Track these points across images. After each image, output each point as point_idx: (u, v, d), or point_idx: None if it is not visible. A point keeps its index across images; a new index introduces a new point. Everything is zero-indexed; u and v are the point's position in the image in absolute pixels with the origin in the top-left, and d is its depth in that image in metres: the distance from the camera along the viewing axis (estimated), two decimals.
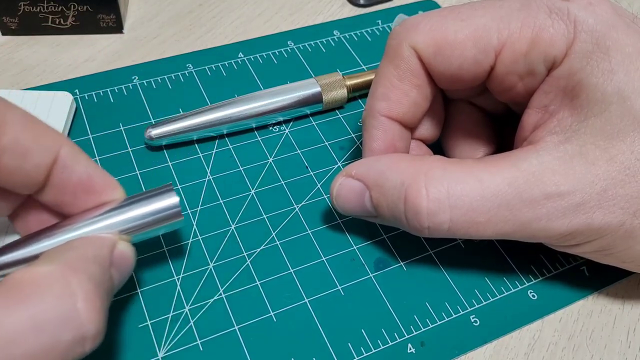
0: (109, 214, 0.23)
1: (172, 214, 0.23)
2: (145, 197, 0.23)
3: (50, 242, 0.22)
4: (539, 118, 0.24)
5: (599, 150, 0.22)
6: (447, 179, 0.23)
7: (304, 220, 0.29)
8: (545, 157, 0.23)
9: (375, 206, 0.25)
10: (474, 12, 0.24)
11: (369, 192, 0.25)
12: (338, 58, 0.38)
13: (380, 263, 0.28)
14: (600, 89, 0.22)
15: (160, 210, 0.23)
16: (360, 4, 0.43)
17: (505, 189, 0.22)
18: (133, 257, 0.23)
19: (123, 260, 0.22)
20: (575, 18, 0.23)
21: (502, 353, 0.26)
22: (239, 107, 0.32)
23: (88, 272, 0.19)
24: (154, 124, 0.31)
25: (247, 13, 0.42)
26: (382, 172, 0.25)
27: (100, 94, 0.34)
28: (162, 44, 0.39)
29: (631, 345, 0.26)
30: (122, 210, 0.23)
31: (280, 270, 0.27)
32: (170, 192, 0.24)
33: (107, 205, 0.23)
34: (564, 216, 0.22)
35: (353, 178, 0.26)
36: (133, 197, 0.23)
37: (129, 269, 0.23)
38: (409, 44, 0.25)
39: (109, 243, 0.22)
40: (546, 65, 0.23)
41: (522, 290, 0.27)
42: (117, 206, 0.23)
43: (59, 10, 0.37)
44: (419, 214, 0.23)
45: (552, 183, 0.22)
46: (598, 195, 0.22)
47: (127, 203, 0.23)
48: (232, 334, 0.25)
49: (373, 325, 0.26)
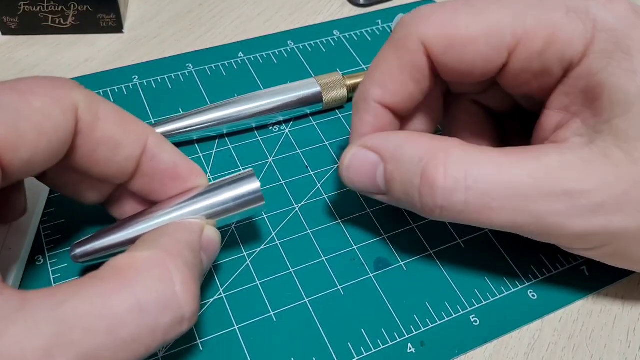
0: (195, 199, 0.24)
1: (254, 199, 0.25)
2: (228, 182, 0.25)
3: (143, 226, 0.24)
4: (560, 119, 0.24)
5: (623, 153, 0.21)
6: (467, 161, 0.22)
7: (304, 220, 0.29)
8: (568, 156, 0.22)
9: (387, 180, 0.24)
10: (488, 6, 0.23)
11: (383, 164, 0.24)
12: (338, 58, 0.38)
13: (380, 263, 0.28)
14: (623, 90, 0.21)
15: (243, 195, 0.24)
16: (360, 4, 0.43)
17: (524, 179, 0.22)
18: (219, 241, 0.24)
19: (210, 244, 0.23)
20: (595, 17, 0.22)
21: (502, 353, 0.26)
22: (239, 107, 0.32)
23: (183, 257, 0.20)
24: (154, 124, 0.31)
25: (247, 13, 0.42)
26: (400, 145, 0.24)
27: (100, 93, 0.34)
28: (162, 43, 0.39)
29: (631, 345, 0.26)
30: (207, 195, 0.24)
31: (280, 270, 0.27)
32: (252, 177, 0.25)
33: (193, 191, 0.24)
34: (582, 215, 0.22)
35: (368, 149, 0.24)
36: (217, 182, 0.25)
37: (216, 252, 0.24)
38: (418, 37, 0.24)
39: (197, 228, 0.23)
40: (562, 65, 0.23)
41: (522, 290, 0.27)
42: (203, 192, 0.24)
43: (59, 10, 0.37)
44: (435, 191, 0.22)
45: (573, 180, 0.21)
46: (618, 198, 0.21)
47: (212, 189, 0.24)
48: (232, 334, 0.25)
49: (373, 325, 0.26)
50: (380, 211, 0.30)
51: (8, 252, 0.25)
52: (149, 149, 0.23)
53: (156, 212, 0.24)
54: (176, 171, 0.24)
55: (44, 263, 0.26)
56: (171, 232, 0.22)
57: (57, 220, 0.28)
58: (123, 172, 0.23)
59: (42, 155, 0.19)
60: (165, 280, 0.19)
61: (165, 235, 0.22)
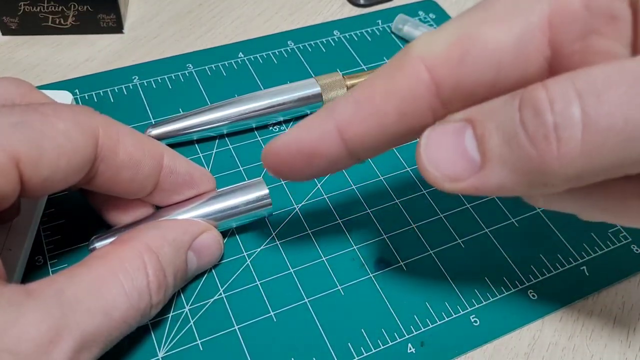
0: (208, 202, 0.26)
1: (263, 204, 0.27)
2: (240, 188, 0.27)
3: None
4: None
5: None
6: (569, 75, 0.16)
7: (304, 220, 0.29)
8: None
9: (481, 142, 0.17)
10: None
11: (471, 126, 0.17)
12: (338, 58, 0.38)
13: (380, 263, 0.28)
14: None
15: (252, 200, 0.27)
16: (360, 4, 0.43)
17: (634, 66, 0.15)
18: (217, 246, 0.26)
19: (205, 247, 0.25)
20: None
21: (502, 353, 0.26)
22: (239, 107, 0.32)
23: (162, 252, 0.23)
24: (154, 124, 0.31)
25: (247, 13, 0.42)
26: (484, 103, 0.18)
27: (100, 94, 0.34)
28: (162, 44, 0.39)
29: (631, 345, 0.26)
30: (219, 199, 0.26)
31: (280, 270, 0.27)
32: (261, 184, 0.27)
33: (205, 195, 0.26)
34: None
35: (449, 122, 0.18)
36: (228, 188, 0.27)
37: (212, 255, 0.26)
38: (418, 54, 0.19)
39: (194, 230, 0.25)
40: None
41: (522, 290, 0.27)
42: (215, 195, 0.26)
43: (59, 10, 0.37)
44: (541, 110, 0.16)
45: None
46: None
47: (224, 193, 0.27)
48: (232, 334, 0.25)
49: (373, 325, 0.26)
50: (380, 211, 0.30)
51: (8, 252, 0.25)
52: (166, 165, 0.25)
53: (170, 212, 0.26)
54: (192, 180, 0.26)
55: (44, 263, 0.27)
56: (162, 227, 0.24)
57: (57, 221, 0.28)
58: (144, 189, 0.24)
59: (61, 174, 0.20)
60: (142, 270, 0.22)
61: (155, 229, 0.24)
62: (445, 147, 0.18)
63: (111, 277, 0.21)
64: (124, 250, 0.22)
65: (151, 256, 0.22)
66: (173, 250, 0.23)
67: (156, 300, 0.22)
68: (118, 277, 0.21)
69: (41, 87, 0.34)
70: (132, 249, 0.22)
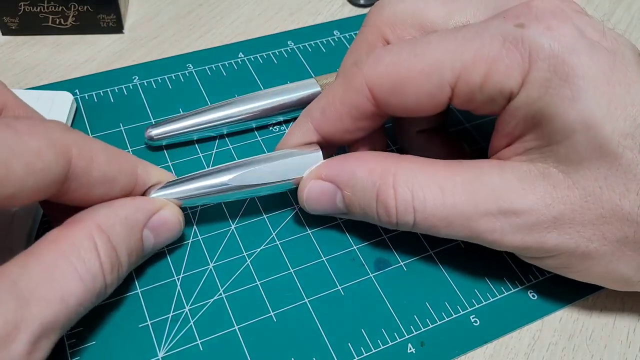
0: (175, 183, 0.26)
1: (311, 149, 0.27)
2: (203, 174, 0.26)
3: None
4: (507, 140, 0.24)
5: (562, 175, 0.23)
6: (413, 183, 0.24)
7: (304, 220, 0.29)
8: (507, 175, 0.23)
9: (347, 205, 0.26)
10: (428, 45, 0.24)
11: (340, 192, 0.26)
12: (338, 58, 0.38)
13: (380, 263, 0.28)
14: (561, 117, 0.22)
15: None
16: (360, 4, 0.43)
17: (463, 199, 0.23)
18: (176, 223, 0.26)
19: (163, 225, 0.25)
20: (530, 46, 0.22)
21: (502, 353, 0.26)
22: (239, 107, 0.32)
23: (113, 231, 0.22)
24: (154, 124, 0.31)
25: (247, 13, 0.42)
26: (353, 172, 0.25)
27: (101, 94, 0.34)
28: (162, 44, 0.39)
29: (631, 345, 0.26)
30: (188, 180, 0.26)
31: (280, 270, 0.27)
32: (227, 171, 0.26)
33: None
34: (517, 232, 0.23)
35: (323, 180, 0.26)
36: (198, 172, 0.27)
37: (170, 233, 0.26)
38: (364, 80, 0.25)
39: (149, 207, 0.25)
40: (504, 95, 0.23)
41: (522, 290, 0.27)
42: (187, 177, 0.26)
43: (59, 10, 0.37)
44: (390, 212, 0.25)
45: (509, 200, 0.23)
46: (554, 218, 0.23)
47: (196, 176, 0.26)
48: (232, 334, 0.25)
49: (373, 325, 0.26)
50: None
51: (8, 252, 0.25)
52: (140, 178, 0.25)
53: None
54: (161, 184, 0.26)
55: None
56: (114, 206, 0.24)
57: None
58: None
59: (27, 192, 0.20)
60: (93, 251, 0.21)
61: (106, 207, 0.23)
62: (321, 202, 0.26)
63: (64, 262, 0.20)
64: (74, 232, 0.22)
65: (101, 235, 0.22)
66: (125, 228, 0.23)
67: (110, 280, 0.22)
68: (71, 261, 0.21)
69: (41, 87, 0.34)
70: (82, 229, 0.22)
